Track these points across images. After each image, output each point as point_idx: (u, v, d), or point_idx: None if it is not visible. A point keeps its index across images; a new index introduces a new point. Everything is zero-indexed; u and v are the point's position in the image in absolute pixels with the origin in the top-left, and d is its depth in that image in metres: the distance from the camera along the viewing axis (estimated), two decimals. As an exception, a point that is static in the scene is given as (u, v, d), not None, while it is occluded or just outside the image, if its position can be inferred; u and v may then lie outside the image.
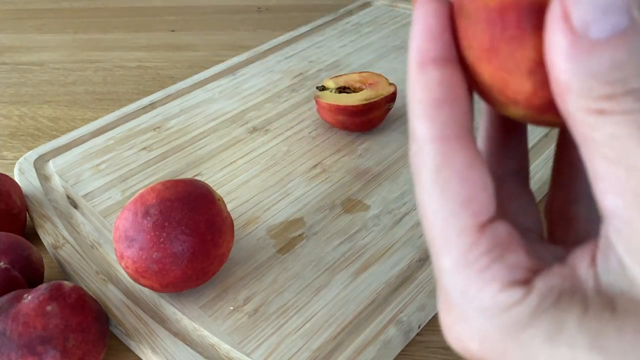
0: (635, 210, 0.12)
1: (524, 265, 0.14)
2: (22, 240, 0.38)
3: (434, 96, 0.15)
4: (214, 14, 0.86)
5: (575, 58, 0.12)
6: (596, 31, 0.12)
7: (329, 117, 0.50)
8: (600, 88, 0.12)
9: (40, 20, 0.86)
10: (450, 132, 0.15)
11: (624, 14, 0.12)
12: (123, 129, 0.53)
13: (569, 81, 0.12)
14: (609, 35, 0.12)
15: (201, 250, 0.34)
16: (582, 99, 0.12)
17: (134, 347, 0.35)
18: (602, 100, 0.12)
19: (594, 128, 0.12)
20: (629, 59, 0.12)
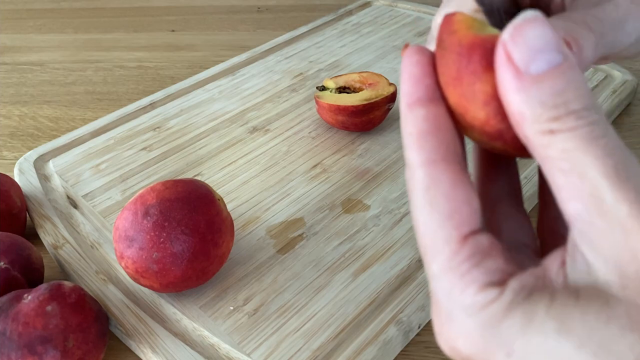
0: (593, 210, 0.14)
1: (501, 269, 0.16)
2: (22, 240, 0.38)
3: (420, 129, 0.17)
4: (214, 14, 0.86)
5: (523, 91, 0.15)
6: (535, 67, 0.15)
7: (329, 117, 0.50)
8: (547, 112, 0.15)
9: (40, 20, 0.86)
10: (436, 157, 0.17)
11: (557, 51, 0.15)
12: (123, 129, 0.53)
13: (521, 110, 0.15)
14: (546, 69, 0.15)
15: (201, 250, 0.34)
16: (535, 124, 0.15)
17: (134, 347, 0.35)
18: (550, 122, 0.15)
19: (548, 146, 0.15)
20: (566, 86, 0.15)
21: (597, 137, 0.15)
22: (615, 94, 0.55)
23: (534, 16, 0.15)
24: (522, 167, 0.46)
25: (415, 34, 0.69)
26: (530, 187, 0.44)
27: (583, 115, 0.15)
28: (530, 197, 0.44)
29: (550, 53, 0.15)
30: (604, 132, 0.15)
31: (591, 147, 0.14)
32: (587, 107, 0.15)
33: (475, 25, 0.17)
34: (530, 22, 0.15)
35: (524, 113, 0.15)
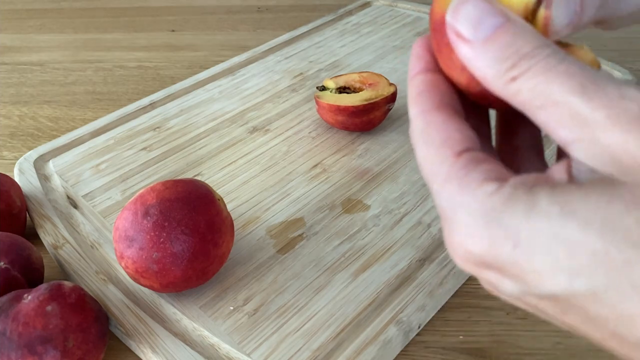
0: (577, 128, 0.15)
1: (498, 170, 0.17)
2: (22, 240, 0.38)
3: (417, 90, 0.20)
4: (214, 14, 0.86)
5: (478, 57, 0.17)
6: (481, 34, 0.17)
7: (329, 117, 0.50)
8: (504, 64, 0.17)
9: (40, 20, 0.86)
10: (430, 107, 0.19)
11: (494, 15, 0.17)
12: (123, 129, 0.53)
13: (484, 73, 0.17)
14: (491, 32, 0.17)
15: (201, 250, 0.34)
16: (498, 79, 0.17)
17: (134, 347, 0.35)
18: (510, 71, 0.16)
19: (518, 92, 0.16)
20: (513, 38, 0.17)
21: (554, 66, 0.16)
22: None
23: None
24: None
25: (415, 34, 0.69)
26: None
27: (535, 54, 0.16)
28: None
29: (489, 18, 0.17)
30: (561, 60, 0.16)
31: (552, 75, 0.16)
32: (536, 46, 0.16)
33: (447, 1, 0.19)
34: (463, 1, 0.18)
35: (487, 74, 0.17)
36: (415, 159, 0.48)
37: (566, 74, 0.16)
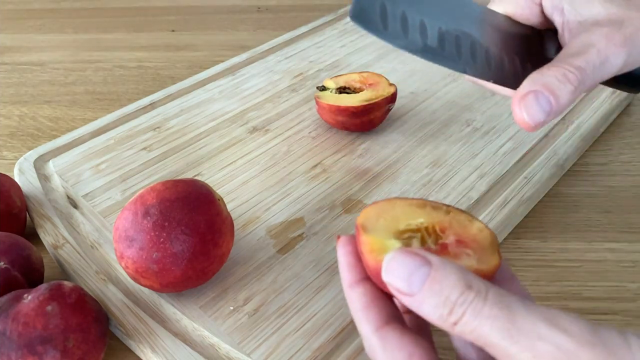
0: None
1: None
2: (22, 240, 0.38)
3: (361, 305, 0.22)
4: (214, 14, 0.86)
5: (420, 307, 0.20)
6: (415, 288, 0.20)
7: (329, 117, 0.50)
8: (441, 311, 0.19)
9: (40, 20, 0.86)
10: (380, 323, 0.22)
11: (420, 266, 0.20)
12: (123, 129, 0.53)
13: (431, 318, 0.20)
14: (422, 284, 0.19)
15: (201, 250, 0.34)
16: (444, 323, 0.19)
17: (134, 347, 0.35)
18: (449, 317, 0.19)
19: (464, 333, 0.19)
20: (441, 286, 0.19)
21: (480, 311, 0.19)
22: (615, 94, 0.55)
23: (391, 255, 0.21)
24: (522, 168, 0.46)
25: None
26: (529, 189, 0.44)
27: (462, 301, 0.19)
28: (531, 197, 0.44)
29: (416, 272, 0.20)
30: (483, 302, 0.19)
31: (482, 321, 0.18)
32: (461, 291, 0.19)
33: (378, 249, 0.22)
34: (390, 260, 0.20)
35: (433, 319, 0.20)
36: (415, 158, 0.48)
37: (490, 317, 0.18)
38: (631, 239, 0.42)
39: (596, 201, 0.46)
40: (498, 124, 0.52)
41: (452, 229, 0.23)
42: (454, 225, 0.24)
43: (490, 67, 0.29)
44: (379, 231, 0.23)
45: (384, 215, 0.24)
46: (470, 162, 0.48)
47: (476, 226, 0.24)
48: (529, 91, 0.26)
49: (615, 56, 0.27)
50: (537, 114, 0.26)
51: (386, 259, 0.21)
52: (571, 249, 0.42)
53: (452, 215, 0.24)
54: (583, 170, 0.49)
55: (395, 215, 0.24)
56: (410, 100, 0.56)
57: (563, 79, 0.26)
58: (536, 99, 0.26)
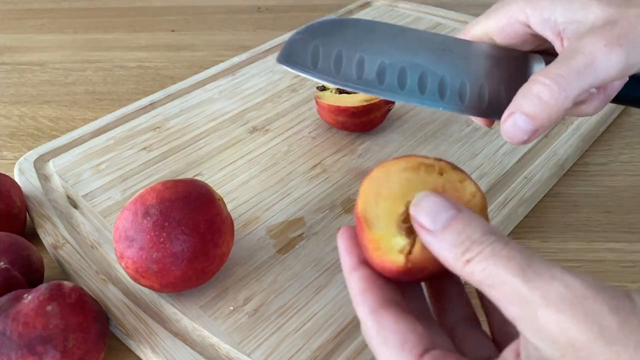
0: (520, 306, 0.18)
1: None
2: (22, 240, 0.38)
3: (359, 288, 0.23)
4: (214, 14, 0.86)
5: (438, 242, 0.20)
6: (439, 224, 0.20)
7: (329, 117, 0.50)
8: (459, 249, 0.20)
9: (40, 20, 0.86)
10: (377, 306, 0.22)
11: (449, 209, 0.21)
12: (123, 129, 0.53)
13: (444, 256, 0.20)
14: (446, 222, 0.20)
15: (201, 250, 0.34)
16: (456, 261, 0.20)
17: (134, 347, 0.35)
18: (464, 254, 0.19)
19: (473, 273, 0.19)
20: (464, 226, 0.20)
21: (499, 250, 0.19)
22: (615, 94, 0.55)
23: (424, 193, 0.22)
24: (522, 167, 0.46)
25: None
26: (529, 189, 0.44)
27: (483, 240, 0.19)
28: (531, 197, 0.44)
29: (444, 211, 0.21)
30: (504, 245, 0.19)
31: (498, 259, 0.19)
32: (484, 233, 0.20)
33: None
34: (422, 197, 0.22)
35: (447, 257, 0.20)
36: (415, 159, 0.48)
37: (508, 257, 0.19)
38: (631, 239, 0.42)
39: (596, 201, 0.46)
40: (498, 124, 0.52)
41: (446, 193, 0.23)
42: (447, 189, 0.24)
43: (444, 96, 0.29)
44: (382, 223, 0.23)
45: (382, 194, 0.24)
46: (470, 162, 0.48)
47: (469, 190, 0.24)
48: (509, 113, 0.26)
49: (606, 57, 0.25)
50: (518, 135, 0.26)
51: (418, 196, 0.22)
52: (571, 249, 0.42)
53: (446, 176, 0.24)
54: (583, 170, 0.49)
55: (392, 190, 0.24)
56: (410, 100, 0.56)
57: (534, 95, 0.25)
58: (514, 121, 0.26)
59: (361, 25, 0.30)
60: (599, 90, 0.30)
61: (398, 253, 0.22)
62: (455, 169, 0.24)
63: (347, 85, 0.29)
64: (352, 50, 0.29)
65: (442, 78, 0.29)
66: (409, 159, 0.25)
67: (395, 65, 0.29)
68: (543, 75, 0.26)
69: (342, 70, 0.29)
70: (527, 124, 0.26)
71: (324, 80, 0.29)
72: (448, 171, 0.24)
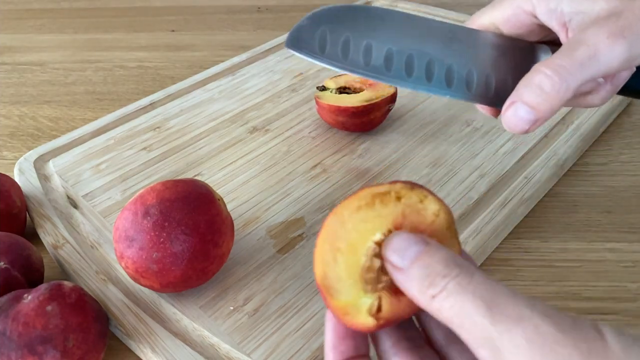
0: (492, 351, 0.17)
1: None
2: (22, 240, 0.38)
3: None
4: (214, 14, 0.86)
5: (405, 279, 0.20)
6: (406, 261, 0.20)
7: (329, 117, 0.50)
8: (424, 282, 0.19)
9: (40, 20, 0.86)
10: None
11: (416, 244, 0.20)
12: (123, 129, 0.53)
13: (412, 293, 0.20)
14: (414, 257, 0.20)
15: (201, 250, 0.34)
16: (422, 296, 0.19)
17: (134, 347, 0.35)
18: (429, 289, 0.19)
19: (440, 309, 0.19)
20: (430, 260, 0.20)
21: (465, 286, 0.18)
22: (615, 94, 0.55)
23: (393, 234, 0.21)
24: (522, 168, 0.46)
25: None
26: (529, 189, 0.44)
27: (447, 273, 0.19)
28: (531, 197, 0.44)
29: (411, 247, 0.20)
30: (469, 279, 0.18)
31: (464, 295, 0.18)
32: (447, 265, 0.19)
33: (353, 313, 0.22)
34: (391, 237, 0.21)
35: (413, 294, 0.20)
36: (415, 158, 0.48)
37: (474, 294, 0.18)
38: (631, 239, 0.42)
39: (596, 201, 0.46)
40: (498, 124, 0.52)
41: (408, 221, 0.22)
42: (408, 215, 0.22)
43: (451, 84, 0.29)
44: (344, 286, 0.22)
45: (340, 248, 0.22)
46: (470, 162, 0.48)
47: (431, 210, 0.22)
48: (510, 102, 0.26)
49: (609, 49, 0.25)
50: (519, 125, 0.26)
51: (387, 239, 0.21)
52: (571, 249, 0.42)
53: (404, 201, 0.23)
54: (583, 170, 0.49)
55: (350, 240, 0.22)
56: (410, 100, 0.56)
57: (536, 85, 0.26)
58: (515, 110, 0.26)
59: (369, 12, 0.30)
60: (606, 81, 0.30)
61: (367, 315, 0.22)
62: (413, 188, 0.23)
63: (355, 71, 0.29)
64: (360, 36, 0.29)
65: (449, 66, 0.29)
66: (361, 195, 0.23)
67: (402, 52, 0.29)
68: (545, 66, 0.26)
69: (349, 56, 0.29)
70: (529, 114, 0.26)
71: (331, 66, 0.29)
72: (405, 194, 0.23)
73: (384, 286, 0.22)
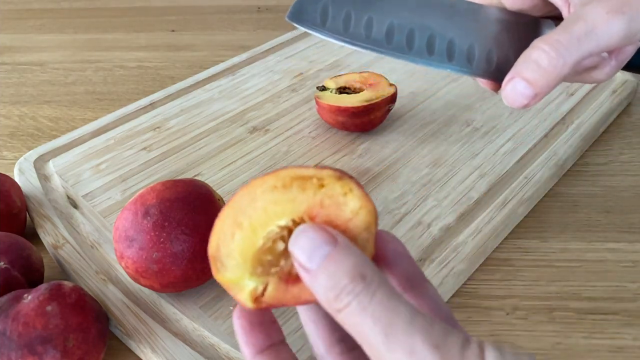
0: None
1: None
2: (22, 240, 0.38)
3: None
4: (214, 14, 0.86)
5: (313, 284, 0.19)
6: (314, 264, 0.19)
7: (329, 117, 0.50)
8: (330, 294, 0.18)
9: (40, 20, 0.86)
10: None
11: (325, 244, 0.19)
12: (123, 129, 0.53)
13: (320, 298, 0.19)
14: (322, 261, 0.19)
15: (201, 250, 0.34)
16: (329, 307, 0.19)
17: (134, 347, 0.35)
18: (335, 303, 0.18)
19: (344, 324, 0.18)
20: (336, 267, 0.19)
21: (365, 307, 0.18)
22: (615, 94, 0.55)
23: (302, 227, 0.20)
24: (522, 168, 0.46)
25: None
26: (529, 189, 0.44)
27: (351, 290, 0.18)
28: (531, 197, 0.44)
29: (319, 248, 0.19)
30: (370, 298, 0.18)
31: (364, 319, 0.18)
32: (353, 278, 0.18)
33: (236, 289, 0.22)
34: (299, 232, 0.20)
35: (321, 301, 0.19)
36: (415, 158, 0.48)
37: (373, 318, 0.18)
38: (631, 239, 0.42)
39: (596, 201, 0.46)
40: (498, 124, 0.52)
41: (324, 212, 0.21)
42: (325, 206, 0.21)
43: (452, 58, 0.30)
44: (232, 263, 0.21)
45: (241, 223, 0.21)
46: (470, 162, 0.48)
47: (350, 207, 0.21)
48: (509, 78, 0.27)
49: (608, 24, 0.25)
50: (518, 100, 0.27)
51: (296, 231, 0.20)
52: (571, 249, 0.42)
53: (325, 190, 0.21)
54: (583, 170, 0.49)
55: (253, 219, 0.21)
56: (410, 100, 0.56)
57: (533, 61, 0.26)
58: (514, 85, 0.26)
59: None
60: (610, 56, 0.30)
61: (248, 297, 0.21)
62: (341, 178, 0.21)
63: (355, 44, 0.29)
64: (362, 10, 0.30)
65: (451, 40, 0.30)
66: (281, 173, 0.21)
67: (404, 25, 0.30)
68: (543, 41, 0.26)
69: (350, 29, 0.29)
70: (527, 89, 0.26)
71: (332, 39, 0.29)
72: (329, 182, 0.21)
73: (278, 271, 0.21)
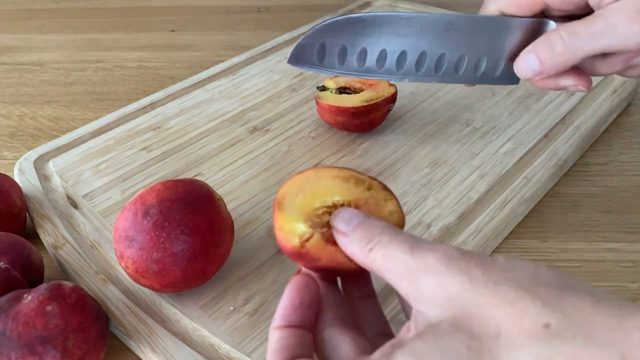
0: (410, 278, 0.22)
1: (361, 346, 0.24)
2: (22, 240, 0.38)
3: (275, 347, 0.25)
4: (214, 14, 0.86)
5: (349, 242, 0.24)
6: (350, 227, 0.24)
7: (329, 117, 0.50)
8: (364, 242, 0.24)
9: (40, 20, 0.86)
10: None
11: (359, 216, 0.25)
12: (123, 129, 0.53)
13: (353, 251, 0.24)
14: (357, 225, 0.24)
15: (201, 250, 0.34)
16: (361, 252, 0.24)
17: (134, 347, 0.35)
18: (368, 245, 0.23)
19: (374, 260, 0.23)
20: (368, 227, 0.24)
21: (394, 237, 0.23)
22: (615, 94, 0.55)
23: (343, 208, 0.26)
24: (522, 167, 0.46)
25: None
26: (529, 189, 0.44)
27: (382, 232, 0.24)
28: (531, 197, 0.44)
29: (354, 218, 0.25)
30: (398, 233, 0.23)
31: (393, 244, 0.23)
32: (383, 228, 0.24)
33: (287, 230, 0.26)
34: (340, 211, 0.25)
35: (355, 252, 0.24)
36: (415, 158, 0.48)
37: (400, 241, 0.23)
38: (631, 239, 0.42)
39: (596, 201, 0.46)
40: (498, 124, 0.52)
41: (367, 207, 0.26)
42: (369, 202, 0.26)
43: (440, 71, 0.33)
44: (292, 210, 0.26)
45: (305, 189, 0.26)
46: (470, 162, 0.48)
47: (388, 208, 0.26)
48: (527, 51, 0.31)
49: (626, 27, 0.27)
50: (525, 72, 0.31)
51: (338, 210, 0.25)
52: (571, 249, 0.42)
53: (372, 192, 0.26)
54: (583, 170, 0.49)
55: (316, 189, 0.26)
56: (410, 100, 0.56)
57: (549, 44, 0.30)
58: (527, 58, 0.31)
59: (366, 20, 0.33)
60: None
61: (296, 237, 0.25)
62: (384, 189, 0.27)
63: (349, 74, 0.33)
64: (356, 43, 0.33)
65: (440, 55, 0.33)
66: (344, 171, 0.27)
67: (395, 50, 0.33)
68: (563, 29, 0.29)
69: (345, 62, 0.33)
70: (535, 65, 0.30)
71: (330, 74, 0.33)
72: (376, 189, 0.27)
73: (321, 232, 0.25)
